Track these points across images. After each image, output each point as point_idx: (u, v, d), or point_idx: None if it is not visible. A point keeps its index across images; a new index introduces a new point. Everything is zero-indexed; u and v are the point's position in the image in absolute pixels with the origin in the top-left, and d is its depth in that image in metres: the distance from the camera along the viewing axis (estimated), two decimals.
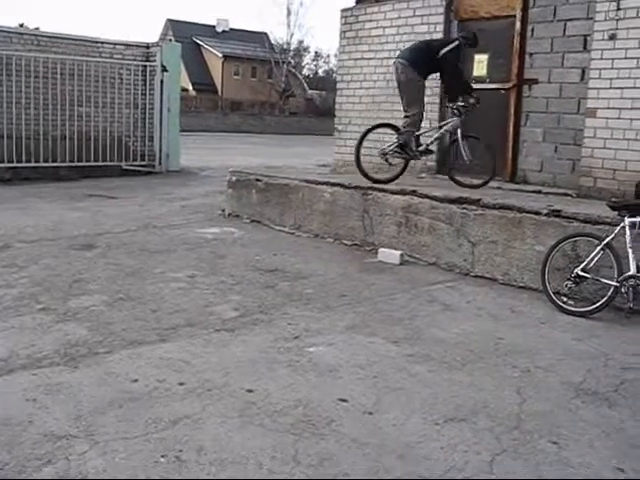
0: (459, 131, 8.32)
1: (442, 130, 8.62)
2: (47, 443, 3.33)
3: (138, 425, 3.53)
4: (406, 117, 8.53)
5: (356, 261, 7.49)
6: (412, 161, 8.73)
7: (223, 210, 10.03)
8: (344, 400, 3.95)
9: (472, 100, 8.36)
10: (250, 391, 4.01)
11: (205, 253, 7.55)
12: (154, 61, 14.69)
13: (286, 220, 8.97)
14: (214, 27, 61.28)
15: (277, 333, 5.06)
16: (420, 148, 8.64)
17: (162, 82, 14.68)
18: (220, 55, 57.33)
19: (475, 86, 8.60)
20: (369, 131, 8.72)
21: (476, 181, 8.30)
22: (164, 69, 14.67)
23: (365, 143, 8.59)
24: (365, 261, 7.52)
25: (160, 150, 14.88)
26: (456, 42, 8.34)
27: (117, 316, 5.31)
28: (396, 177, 8.53)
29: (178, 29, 55.70)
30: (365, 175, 8.49)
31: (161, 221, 9.37)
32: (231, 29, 62.11)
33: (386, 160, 8.63)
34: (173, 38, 45.46)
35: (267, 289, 6.25)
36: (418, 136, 8.63)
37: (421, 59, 8.41)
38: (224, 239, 8.35)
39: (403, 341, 5.01)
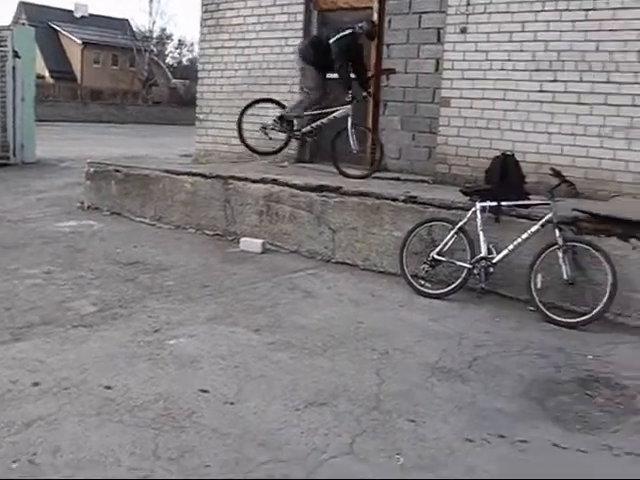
0: (349, 120, 8.31)
1: (330, 116, 8.57)
2: None
3: None
4: (299, 99, 8.83)
5: (218, 251, 7.45)
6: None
7: (82, 203, 9.69)
8: (205, 391, 3.93)
9: (364, 93, 8.51)
10: (109, 387, 3.92)
11: (62, 247, 7.28)
12: (5, 46, 13.89)
13: (147, 211, 8.78)
14: (72, 12, 58.80)
15: (137, 327, 4.96)
16: (304, 129, 8.78)
17: (14, 69, 13.93)
18: (79, 42, 55.11)
19: (334, 76, 8.70)
20: (250, 105, 8.96)
21: (360, 172, 8.37)
22: (16, 55, 13.92)
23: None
24: (227, 251, 7.49)
25: (14, 141, 14.14)
26: (348, 31, 8.39)
27: None
28: (279, 150, 8.84)
29: (32, 13, 52.99)
30: (247, 146, 8.81)
31: (16, 215, 8.95)
32: (90, 15, 59.75)
33: (266, 134, 8.76)
34: (27, 22, 43.30)
35: (127, 282, 6.10)
36: (306, 118, 8.79)
37: (310, 50, 8.62)
38: (82, 232, 8.08)
39: (265, 329, 5.04)
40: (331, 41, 8.34)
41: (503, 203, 6.12)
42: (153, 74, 54.13)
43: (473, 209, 6.13)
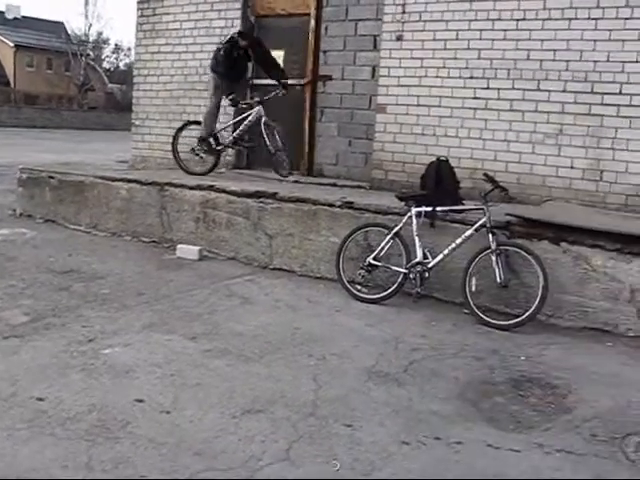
0: (262, 120, 8.35)
1: (246, 122, 8.62)
2: None
3: None
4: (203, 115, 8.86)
5: (154, 258, 7.37)
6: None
7: (14, 210, 9.47)
8: (140, 401, 3.88)
9: (283, 91, 8.53)
10: (40, 399, 3.83)
11: None
12: None
13: (82, 219, 8.62)
14: (3, 13, 57.44)
15: (71, 337, 4.85)
16: (227, 141, 8.83)
17: None
18: (11, 44, 53.89)
19: (271, 82, 8.73)
20: (182, 128, 9.00)
21: (283, 172, 8.52)
22: None
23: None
24: (164, 258, 7.42)
25: None
26: (227, 37, 8.62)
27: None
28: (211, 169, 8.83)
29: None
30: (183, 168, 8.90)
31: None
32: (23, 17, 58.51)
33: (197, 154, 8.82)
34: None
35: (61, 291, 5.98)
36: (231, 129, 8.88)
37: (211, 59, 8.76)
38: (14, 240, 7.89)
39: (201, 337, 5.00)
40: (220, 49, 8.55)
41: (438, 208, 6.20)
42: (89, 79, 53.28)
43: (409, 214, 6.20)
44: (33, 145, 23.90)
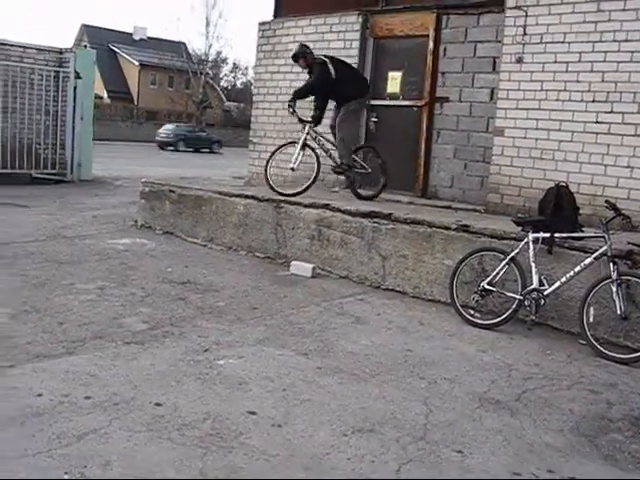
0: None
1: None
2: None
3: (41, 441, 3.41)
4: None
5: (268, 274, 7.50)
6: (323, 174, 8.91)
7: (135, 221, 9.89)
8: (253, 413, 3.95)
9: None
10: (159, 404, 3.96)
11: (116, 264, 7.41)
12: (67, 67, 14.31)
13: (199, 232, 8.90)
14: (131, 35, 60.39)
15: (187, 346, 5.01)
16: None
17: (75, 89, 14.34)
18: (137, 63, 56.47)
19: (388, 103, 8.78)
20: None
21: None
22: (77, 76, 14.34)
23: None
24: (277, 274, 7.54)
25: (72, 159, 14.50)
26: None
27: (21, 329, 5.13)
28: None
29: (93, 35, 54.56)
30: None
31: (71, 231, 9.14)
32: (149, 37, 61.30)
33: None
34: (88, 44, 44.40)
35: (178, 301, 6.18)
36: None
37: None
38: (135, 250, 8.22)
39: (313, 353, 5.05)
40: None
41: (556, 235, 6.04)
42: (208, 96, 54.96)
43: (525, 240, 6.08)
44: (152, 159, 24.89)
